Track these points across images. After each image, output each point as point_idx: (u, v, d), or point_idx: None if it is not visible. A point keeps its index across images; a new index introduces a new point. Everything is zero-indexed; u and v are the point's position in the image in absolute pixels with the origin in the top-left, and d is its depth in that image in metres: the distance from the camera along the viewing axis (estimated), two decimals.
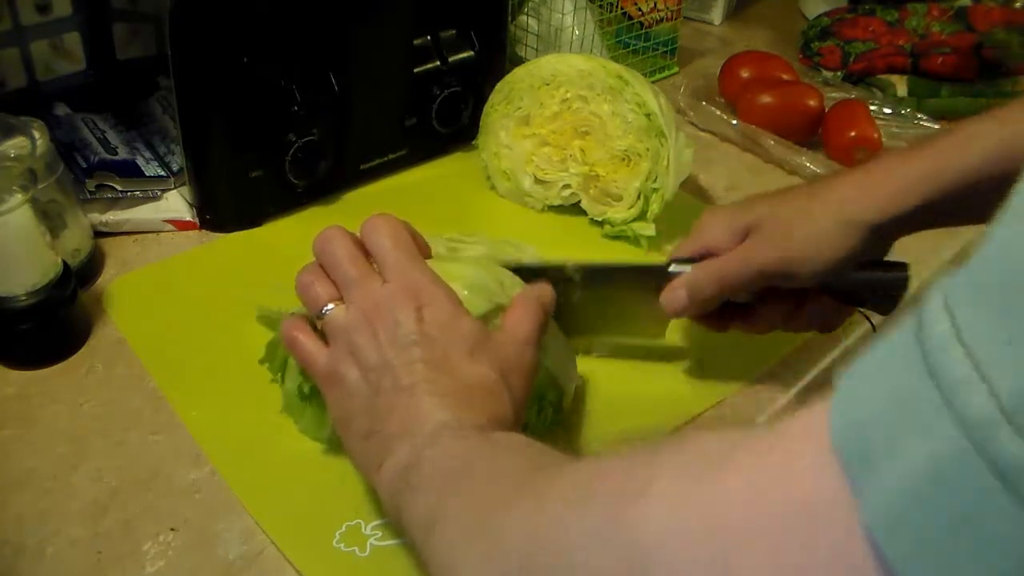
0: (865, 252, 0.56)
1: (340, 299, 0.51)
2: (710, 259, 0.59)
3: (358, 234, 0.53)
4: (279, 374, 0.59)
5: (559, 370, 0.58)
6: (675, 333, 0.68)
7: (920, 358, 0.24)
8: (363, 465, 0.49)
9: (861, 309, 0.63)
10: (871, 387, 0.26)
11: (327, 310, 0.51)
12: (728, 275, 0.58)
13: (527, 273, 0.58)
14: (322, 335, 0.52)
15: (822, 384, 0.69)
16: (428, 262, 0.56)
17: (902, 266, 0.59)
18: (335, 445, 0.56)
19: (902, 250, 0.79)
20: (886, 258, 0.59)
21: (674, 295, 0.59)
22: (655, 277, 0.60)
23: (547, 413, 0.59)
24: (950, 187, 0.54)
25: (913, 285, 0.76)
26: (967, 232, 0.83)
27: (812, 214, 0.56)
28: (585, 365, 0.64)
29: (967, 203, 0.55)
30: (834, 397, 0.27)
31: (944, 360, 0.24)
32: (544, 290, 0.55)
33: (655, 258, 0.62)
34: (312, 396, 0.57)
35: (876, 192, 0.55)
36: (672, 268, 0.60)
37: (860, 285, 0.59)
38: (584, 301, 0.61)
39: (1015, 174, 0.53)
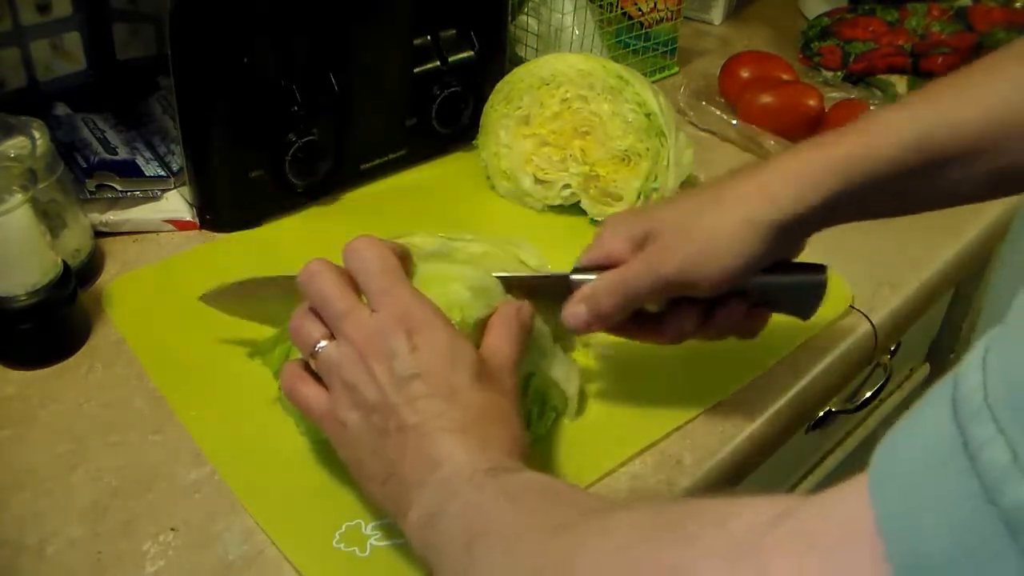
0: (773, 253, 0.53)
1: (332, 336, 0.49)
2: (611, 270, 0.55)
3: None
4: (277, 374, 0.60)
5: (560, 375, 0.58)
6: None
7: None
8: (389, 510, 0.48)
9: (779, 313, 0.58)
10: (920, 498, 0.26)
11: (320, 348, 0.49)
12: (628, 287, 0.54)
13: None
14: (319, 377, 0.50)
15: (823, 383, 0.69)
16: (427, 262, 0.56)
17: (819, 268, 0.56)
18: None
19: (898, 252, 0.79)
20: (802, 258, 0.56)
21: (575, 312, 0.55)
22: (559, 287, 0.57)
23: (549, 417, 0.59)
24: (859, 180, 0.51)
25: (912, 286, 0.77)
26: (967, 233, 0.83)
27: (712, 216, 0.52)
28: (584, 365, 0.64)
29: (880, 196, 0.52)
30: (880, 500, 0.27)
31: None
32: (523, 307, 0.54)
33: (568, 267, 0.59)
34: None
35: (777, 188, 0.51)
36: (573, 277, 0.56)
37: (773, 289, 0.55)
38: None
39: (930, 165, 0.52)
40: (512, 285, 0.57)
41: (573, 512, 0.40)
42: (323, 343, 0.49)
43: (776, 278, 0.55)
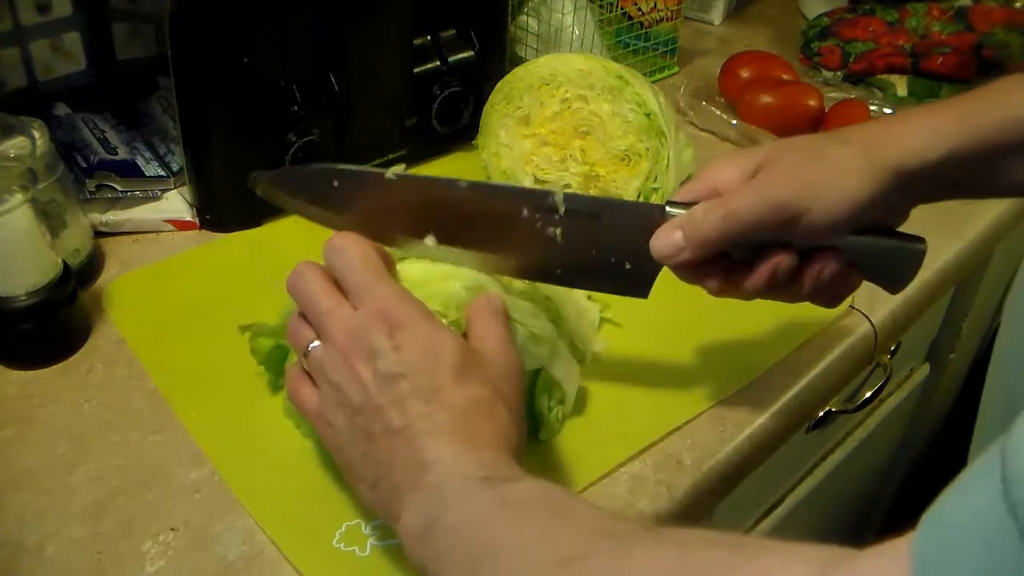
0: (886, 202, 0.51)
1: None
2: (716, 198, 0.52)
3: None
4: (278, 377, 0.60)
5: (560, 374, 0.58)
6: (676, 334, 0.68)
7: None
8: (381, 514, 0.47)
9: (870, 280, 0.56)
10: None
11: (311, 348, 0.49)
12: (735, 211, 0.50)
13: (507, 194, 0.54)
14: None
15: (823, 383, 0.69)
16: (425, 260, 0.56)
17: (919, 239, 0.54)
18: None
19: None
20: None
21: (668, 237, 0.51)
22: (647, 217, 0.52)
23: (557, 411, 0.59)
24: (978, 142, 0.51)
25: (912, 286, 0.77)
26: (967, 233, 0.83)
27: (833, 151, 0.51)
28: (583, 366, 0.64)
29: (991, 166, 0.53)
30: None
31: None
32: (491, 296, 0.52)
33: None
34: None
35: (903, 136, 0.52)
36: (668, 210, 0.52)
37: (873, 250, 0.53)
38: (564, 240, 0.54)
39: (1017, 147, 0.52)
40: (598, 210, 0.53)
41: (582, 535, 0.39)
42: (315, 343, 0.49)
43: (877, 239, 0.53)
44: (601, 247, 0.54)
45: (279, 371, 0.60)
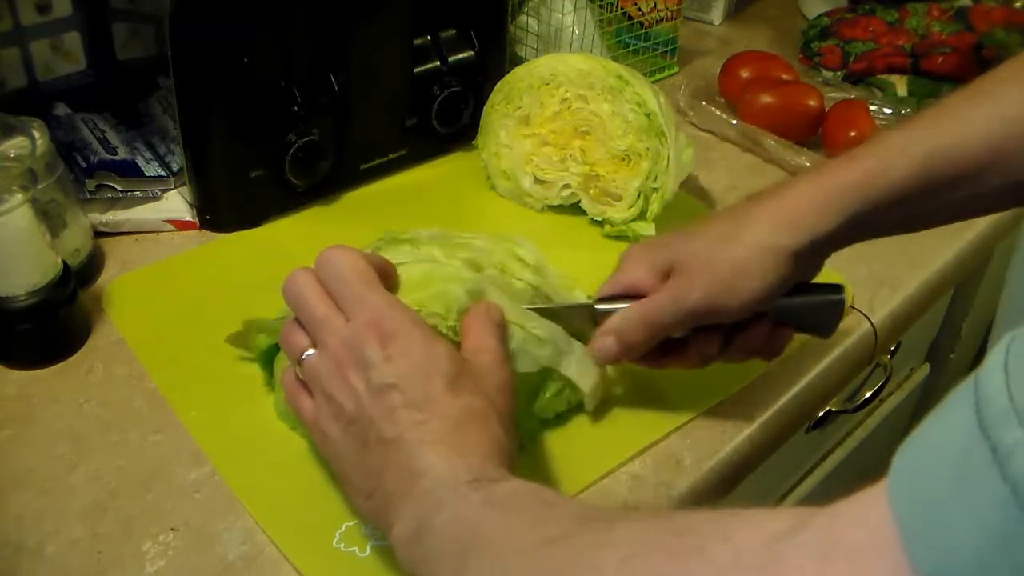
0: (793, 277, 0.54)
1: (315, 345, 0.49)
2: (637, 302, 0.56)
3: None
4: (270, 375, 0.60)
5: (573, 372, 0.58)
6: None
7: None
8: (376, 525, 0.48)
9: (801, 332, 0.60)
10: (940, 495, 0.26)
11: (305, 356, 0.49)
12: (656, 319, 0.55)
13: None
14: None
15: (823, 383, 0.69)
16: (430, 245, 0.56)
17: (836, 288, 0.58)
18: None
19: (898, 252, 0.79)
20: (819, 278, 0.58)
21: (603, 344, 0.57)
22: (584, 316, 0.58)
23: (564, 394, 0.59)
24: (871, 204, 0.52)
25: (912, 286, 0.77)
26: (967, 233, 0.83)
27: (733, 247, 0.54)
28: None
29: (898, 214, 0.53)
30: (903, 509, 0.26)
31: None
32: (489, 306, 0.54)
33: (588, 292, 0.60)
34: None
35: (795, 217, 0.53)
36: (598, 307, 0.58)
37: (796, 310, 0.57)
38: None
39: (938, 185, 0.53)
40: (539, 315, 0.58)
41: (566, 519, 0.40)
42: (309, 351, 0.49)
43: (795, 300, 0.56)
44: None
45: (270, 369, 0.61)
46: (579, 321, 0.58)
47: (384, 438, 0.45)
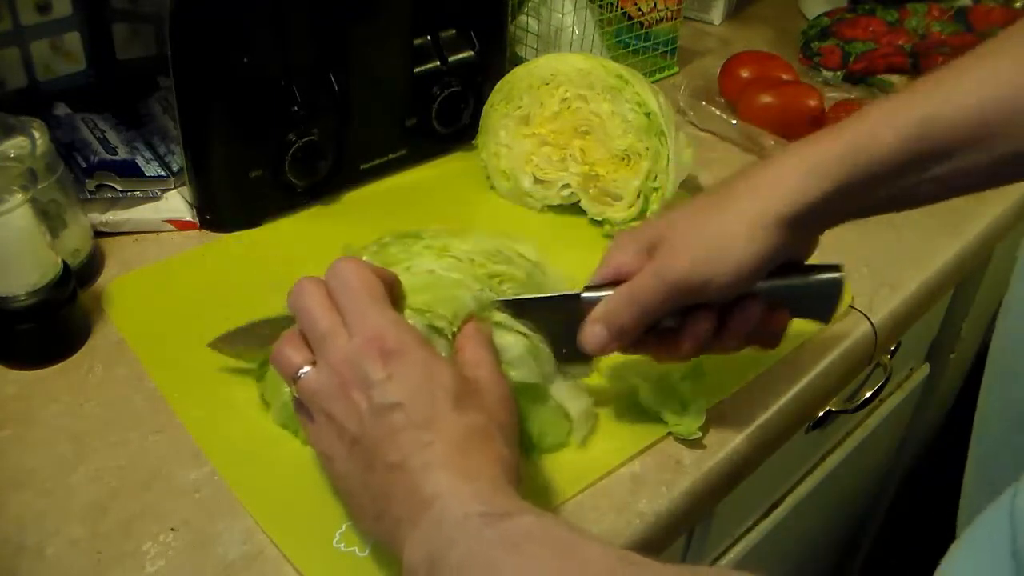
0: (783, 249, 0.52)
1: (314, 361, 0.48)
2: (623, 284, 0.54)
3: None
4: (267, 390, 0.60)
5: (561, 395, 0.58)
6: None
7: None
8: (385, 548, 0.47)
9: (799, 317, 0.57)
10: None
11: (301, 374, 0.48)
12: (641, 296, 0.53)
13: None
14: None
15: (823, 383, 0.69)
16: (437, 237, 0.56)
17: (834, 268, 0.55)
18: None
19: (898, 252, 0.79)
20: (815, 260, 0.56)
21: (592, 333, 0.54)
22: (570, 308, 0.56)
23: (563, 426, 0.59)
24: (861, 170, 0.51)
25: (912, 286, 0.77)
26: (967, 233, 0.83)
27: (719, 214, 0.52)
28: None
29: (883, 187, 0.52)
30: None
31: None
32: (479, 325, 0.53)
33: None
34: None
35: (784, 181, 0.51)
36: (585, 296, 0.55)
37: (787, 291, 0.55)
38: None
39: (931, 154, 0.52)
40: (522, 308, 0.56)
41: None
42: (305, 369, 0.48)
43: (789, 280, 0.54)
44: (547, 338, 0.57)
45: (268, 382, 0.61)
46: (565, 315, 0.56)
47: (389, 461, 0.44)
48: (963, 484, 0.63)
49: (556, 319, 0.56)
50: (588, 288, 0.56)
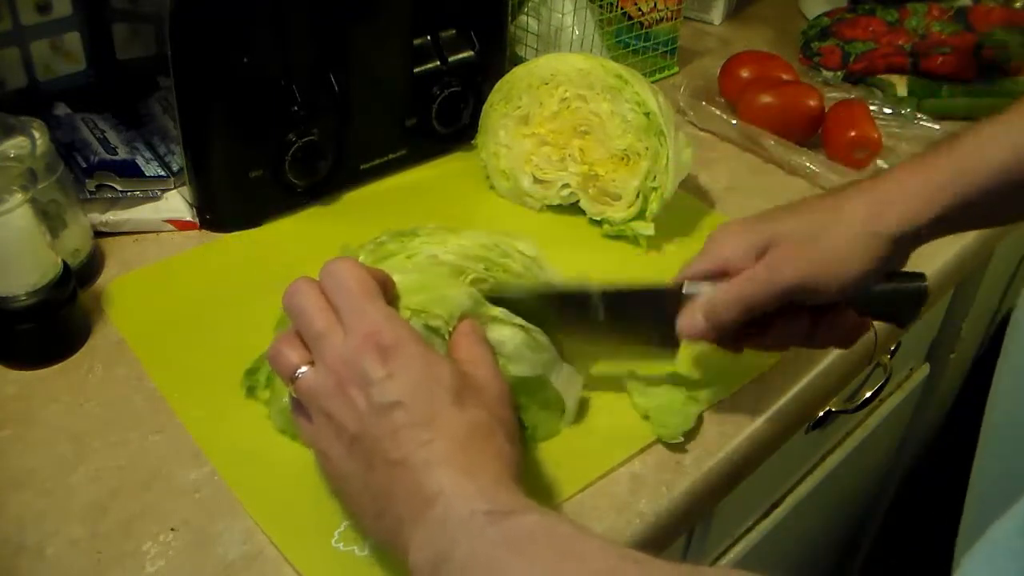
0: (889, 264, 0.55)
1: (312, 361, 0.48)
2: (729, 280, 0.55)
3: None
4: (267, 392, 0.60)
5: (561, 386, 0.58)
6: None
7: None
8: (387, 547, 0.47)
9: (880, 321, 0.60)
10: None
11: (299, 374, 0.48)
12: (750, 297, 0.55)
13: (551, 299, 0.58)
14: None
15: (823, 383, 0.69)
16: (433, 234, 0.56)
17: (920, 276, 0.58)
18: None
19: None
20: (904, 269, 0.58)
21: (692, 320, 0.56)
22: (669, 300, 0.57)
23: (555, 418, 0.59)
24: (968, 195, 0.54)
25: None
26: (967, 233, 0.83)
27: (835, 229, 0.54)
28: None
29: (983, 209, 0.55)
30: None
31: None
32: (474, 322, 0.54)
33: (664, 272, 0.59)
34: None
35: (898, 204, 0.54)
36: (686, 289, 0.57)
37: (881, 298, 0.57)
38: (603, 326, 0.58)
39: None
40: (622, 300, 0.57)
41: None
42: (303, 369, 0.48)
43: (883, 287, 0.56)
44: (630, 328, 0.59)
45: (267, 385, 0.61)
46: (664, 306, 0.57)
47: (390, 459, 0.44)
48: (968, 488, 0.62)
49: (651, 310, 0.58)
50: (687, 279, 0.57)
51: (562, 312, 0.58)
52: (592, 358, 0.63)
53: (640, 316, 0.58)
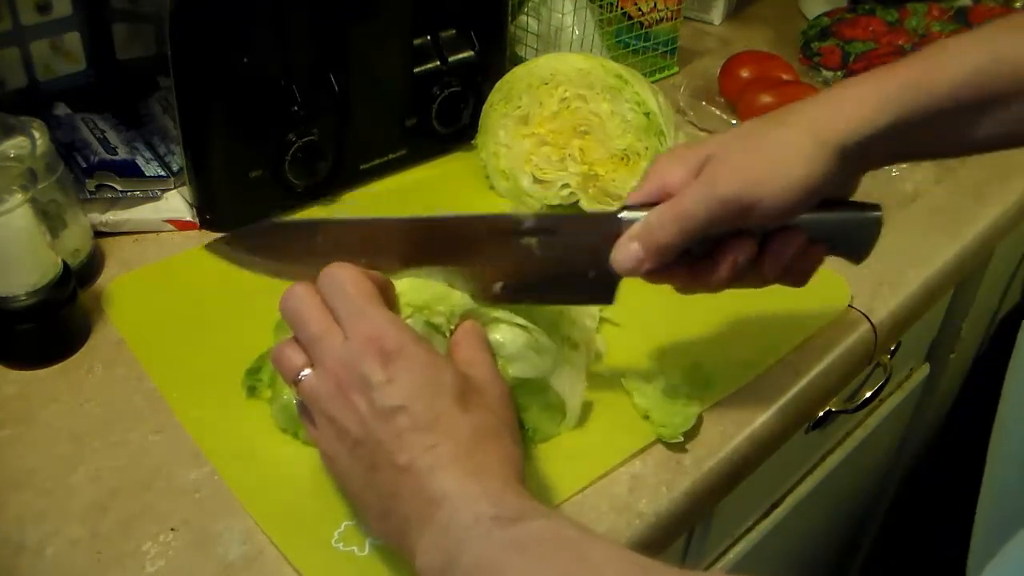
0: (835, 178, 0.50)
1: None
2: (668, 200, 0.51)
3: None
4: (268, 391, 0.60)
5: (564, 388, 0.58)
6: (675, 334, 0.68)
7: None
8: (393, 548, 0.47)
9: (834, 255, 0.56)
10: None
11: (302, 376, 0.48)
12: (686, 213, 0.50)
13: (480, 224, 0.53)
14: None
15: (823, 383, 0.69)
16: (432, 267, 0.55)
17: (874, 206, 0.54)
18: None
19: (898, 251, 0.79)
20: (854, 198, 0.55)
21: (626, 250, 0.51)
22: (604, 226, 0.52)
23: (556, 421, 0.59)
24: (925, 105, 0.50)
25: (912, 286, 0.77)
26: (967, 233, 0.83)
27: (777, 136, 0.50)
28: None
29: (941, 126, 0.51)
30: None
31: None
32: (475, 324, 0.53)
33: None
34: None
35: (848, 108, 0.50)
36: (623, 215, 0.52)
37: (831, 225, 0.53)
38: (536, 262, 0.54)
39: (992, 97, 0.51)
40: (554, 226, 0.53)
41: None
42: (306, 371, 0.48)
43: (832, 213, 0.53)
44: (565, 260, 0.54)
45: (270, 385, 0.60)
46: (601, 236, 0.52)
47: (394, 464, 0.44)
48: (979, 500, 0.61)
49: (585, 243, 0.53)
50: (627, 208, 0.53)
51: (492, 244, 0.54)
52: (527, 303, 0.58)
53: (575, 248, 0.53)
